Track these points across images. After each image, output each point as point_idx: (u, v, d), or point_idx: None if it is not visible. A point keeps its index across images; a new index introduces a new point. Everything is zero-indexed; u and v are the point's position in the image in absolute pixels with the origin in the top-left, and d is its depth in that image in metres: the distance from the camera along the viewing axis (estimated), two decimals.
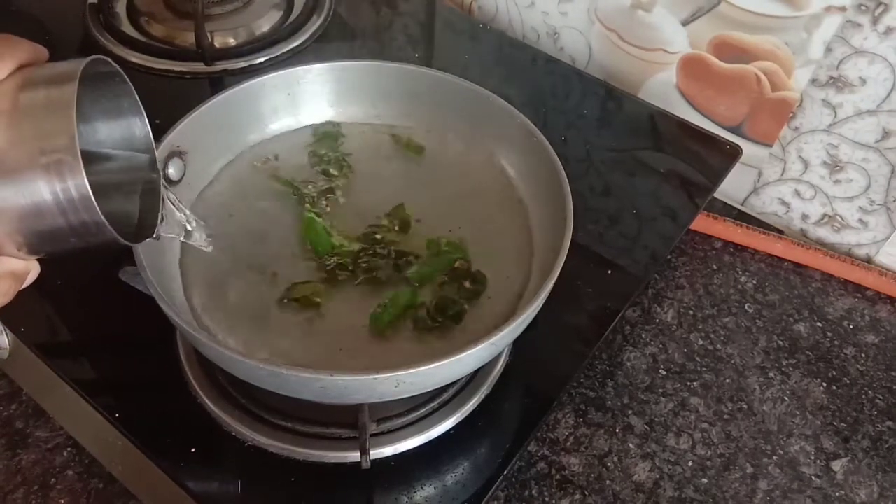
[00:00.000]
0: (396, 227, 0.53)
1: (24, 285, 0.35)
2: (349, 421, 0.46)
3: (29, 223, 0.31)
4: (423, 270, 0.50)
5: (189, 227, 0.43)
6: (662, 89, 0.76)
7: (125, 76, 0.36)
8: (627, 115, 0.74)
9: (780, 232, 0.72)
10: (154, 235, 0.39)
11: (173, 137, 0.50)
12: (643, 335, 0.63)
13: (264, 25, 0.77)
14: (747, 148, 0.72)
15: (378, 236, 0.52)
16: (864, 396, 0.61)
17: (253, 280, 0.50)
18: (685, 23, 0.71)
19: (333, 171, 0.56)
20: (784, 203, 0.74)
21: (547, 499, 0.52)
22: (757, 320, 0.65)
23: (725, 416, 0.58)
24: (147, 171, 0.39)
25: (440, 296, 0.49)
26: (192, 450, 0.47)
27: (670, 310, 0.65)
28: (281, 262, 0.51)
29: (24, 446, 0.54)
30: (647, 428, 0.57)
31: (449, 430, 0.49)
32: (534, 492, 0.53)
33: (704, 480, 0.55)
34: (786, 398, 0.60)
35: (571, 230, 0.46)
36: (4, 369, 0.57)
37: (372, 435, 0.46)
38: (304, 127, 0.59)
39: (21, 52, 0.32)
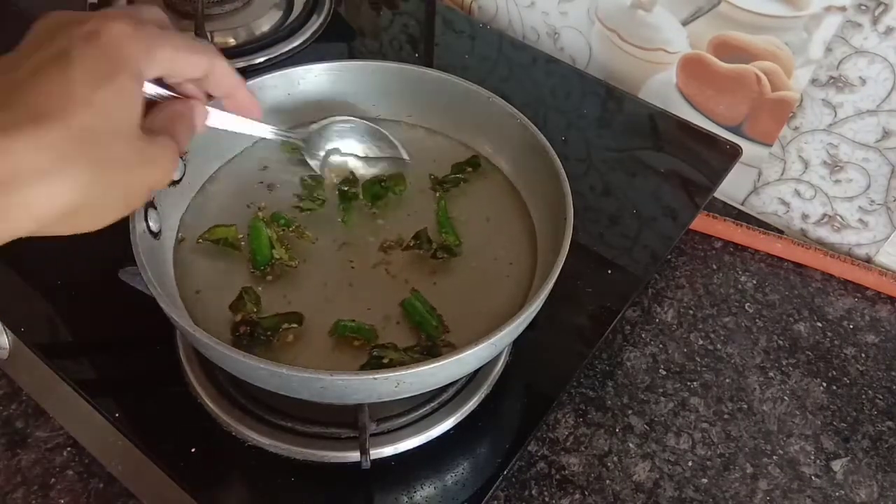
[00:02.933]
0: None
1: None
2: (349, 421, 0.46)
3: None
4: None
5: None
6: (662, 89, 0.76)
7: None
8: (627, 114, 0.74)
9: (780, 232, 0.72)
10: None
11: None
12: (643, 335, 0.63)
13: (264, 25, 0.77)
14: (747, 148, 0.72)
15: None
16: (864, 396, 0.61)
17: (250, 279, 0.50)
18: (685, 23, 0.71)
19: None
20: (784, 203, 0.74)
21: (547, 499, 0.52)
22: (757, 320, 0.65)
23: (725, 416, 0.58)
24: None
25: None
26: (192, 450, 0.47)
27: (670, 310, 0.65)
28: (278, 262, 0.51)
29: (23, 446, 0.54)
30: (647, 428, 0.57)
31: (449, 430, 0.49)
32: (534, 492, 0.53)
33: (704, 480, 0.55)
34: (786, 398, 0.60)
35: (571, 230, 0.46)
36: (4, 369, 0.57)
37: (372, 435, 0.46)
38: (304, 126, 0.59)
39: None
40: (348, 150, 0.57)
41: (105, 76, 0.31)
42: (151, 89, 0.37)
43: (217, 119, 0.43)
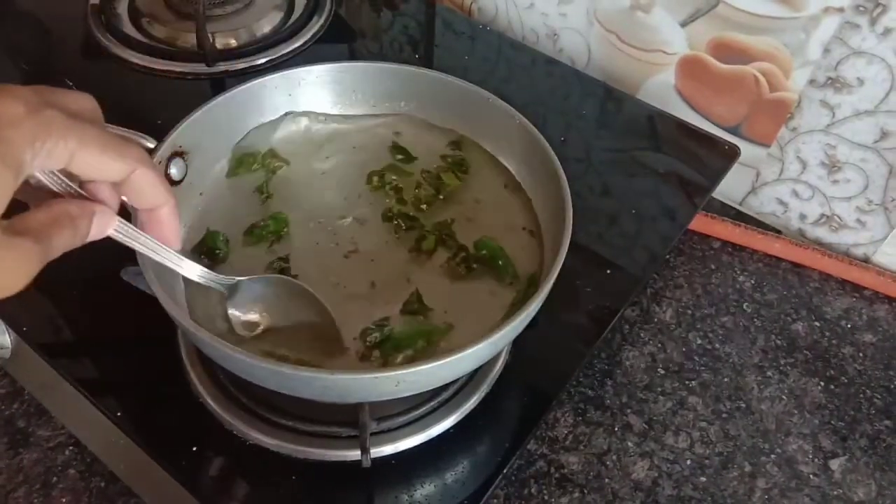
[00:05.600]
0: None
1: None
2: (350, 420, 0.46)
3: None
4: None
5: None
6: (661, 90, 0.77)
7: None
8: (626, 115, 0.74)
9: (779, 232, 0.73)
10: None
11: (175, 138, 0.50)
12: (642, 334, 0.63)
13: (265, 26, 0.78)
14: (745, 148, 0.72)
15: None
16: (861, 395, 0.61)
17: None
18: (684, 24, 0.71)
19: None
20: (782, 203, 0.75)
21: (546, 497, 0.53)
22: (755, 319, 0.65)
23: (724, 415, 0.58)
24: None
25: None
26: (194, 448, 0.47)
27: (669, 309, 0.65)
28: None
29: (25, 445, 0.54)
30: (646, 426, 0.57)
31: (449, 429, 0.49)
32: (533, 490, 0.53)
33: (703, 479, 0.55)
34: (784, 397, 0.60)
35: (571, 230, 0.46)
36: (6, 368, 0.57)
37: (372, 434, 0.46)
38: (304, 124, 0.59)
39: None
40: (268, 309, 0.48)
41: None
42: (56, 183, 0.32)
43: (125, 234, 0.37)
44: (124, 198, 0.35)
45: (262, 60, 0.74)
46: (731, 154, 0.70)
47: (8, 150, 0.27)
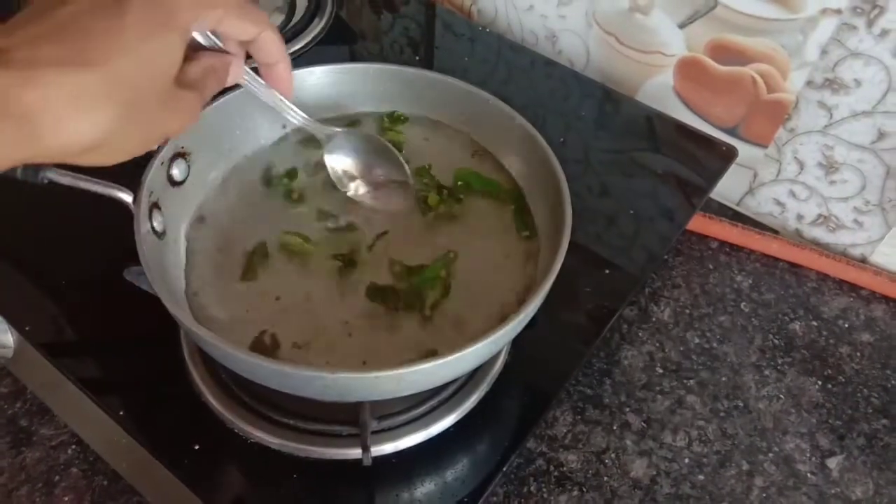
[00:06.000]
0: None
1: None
2: (350, 418, 0.47)
3: None
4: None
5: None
6: (659, 91, 0.77)
7: None
8: (625, 117, 0.74)
9: (776, 232, 0.73)
10: None
11: (177, 138, 0.50)
12: (640, 334, 0.64)
13: None
14: (743, 149, 0.72)
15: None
16: (859, 394, 0.61)
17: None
18: (682, 25, 0.72)
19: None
20: (779, 203, 0.75)
21: (545, 495, 0.53)
22: (753, 319, 0.66)
23: (721, 414, 0.59)
24: None
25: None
26: (196, 447, 0.47)
27: (667, 309, 0.66)
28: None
29: (28, 444, 0.54)
30: (645, 425, 0.57)
31: (449, 428, 0.50)
32: (532, 488, 0.53)
33: (701, 477, 0.55)
34: (781, 396, 0.60)
35: (570, 230, 0.47)
36: (9, 368, 0.57)
37: (373, 432, 0.47)
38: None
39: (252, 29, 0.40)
40: (358, 164, 0.56)
41: (155, 29, 0.33)
42: (200, 36, 0.40)
43: (249, 81, 0.45)
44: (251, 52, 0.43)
45: None
46: (729, 155, 0.70)
47: (178, 20, 0.35)
